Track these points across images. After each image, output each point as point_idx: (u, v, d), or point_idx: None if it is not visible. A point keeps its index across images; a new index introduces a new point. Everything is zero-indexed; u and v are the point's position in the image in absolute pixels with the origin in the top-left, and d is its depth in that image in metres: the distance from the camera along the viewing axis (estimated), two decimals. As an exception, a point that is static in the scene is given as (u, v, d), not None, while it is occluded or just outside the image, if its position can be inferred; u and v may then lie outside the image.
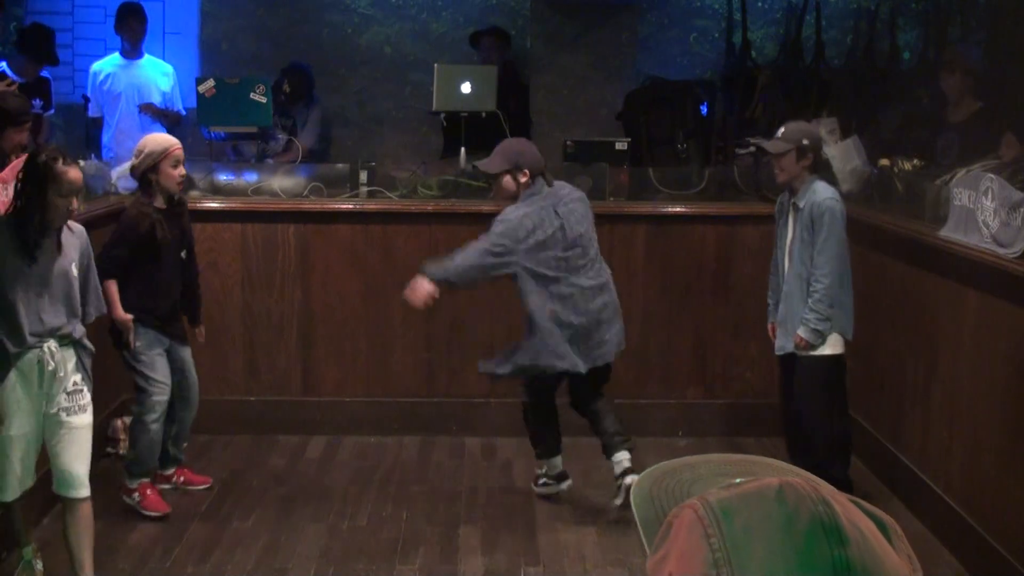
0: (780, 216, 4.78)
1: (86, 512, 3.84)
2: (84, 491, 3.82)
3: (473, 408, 5.78)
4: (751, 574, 0.83)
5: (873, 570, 0.83)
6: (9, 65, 6.26)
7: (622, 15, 7.10)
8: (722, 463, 1.00)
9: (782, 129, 4.67)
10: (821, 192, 4.54)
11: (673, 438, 5.77)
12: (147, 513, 4.67)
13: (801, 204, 4.54)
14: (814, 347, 4.55)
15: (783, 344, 4.67)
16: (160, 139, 4.74)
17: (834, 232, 4.49)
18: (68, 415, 3.77)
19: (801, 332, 4.54)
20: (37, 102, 5.95)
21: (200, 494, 4.96)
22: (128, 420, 5.48)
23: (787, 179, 4.59)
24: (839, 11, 7.35)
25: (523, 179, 4.53)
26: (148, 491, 4.72)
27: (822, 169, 4.81)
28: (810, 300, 4.51)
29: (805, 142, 4.53)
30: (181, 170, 4.67)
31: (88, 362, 3.87)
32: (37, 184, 3.60)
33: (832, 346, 4.60)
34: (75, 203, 3.68)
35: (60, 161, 3.63)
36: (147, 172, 4.59)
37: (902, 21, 7.08)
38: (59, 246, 3.76)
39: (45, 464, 4.53)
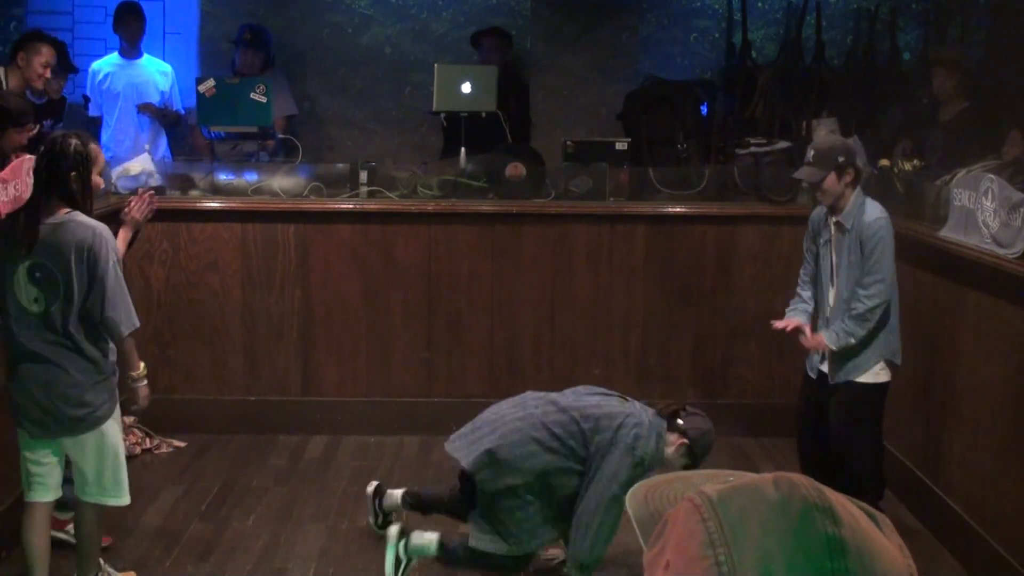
0: (819, 234, 4.45)
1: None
2: None
3: (473, 408, 5.73)
4: (747, 553, 0.84)
5: (866, 550, 0.84)
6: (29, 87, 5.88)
7: (622, 15, 7.09)
8: (714, 476, 1.01)
9: (811, 151, 4.32)
10: (871, 212, 4.23)
11: (673, 438, 5.76)
12: None
13: (848, 225, 4.24)
14: (824, 351, 4.34)
15: (835, 375, 4.37)
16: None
17: (886, 255, 4.22)
18: None
19: (826, 335, 4.29)
20: (47, 123, 5.75)
21: (199, 494, 4.96)
22: (128, 420, 5.50)
23: (832, 201, 4.26)
24: (839, 11, 7.35)
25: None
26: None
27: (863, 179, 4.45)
28: (849, 314, 4.23)
29: (840, 159, 4.19)
30: (100, 181, 4.12)
31: None
32: (85, 168, 3.60)
33: (878, 374, 4.34)
34: (102, 181, 3.80)
35: (92, 142, 3.70)
36: None
37: (902, 21, 7.08)
38: None
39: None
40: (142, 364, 3.78)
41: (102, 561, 4.00)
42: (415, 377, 5.81)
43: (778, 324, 4.55)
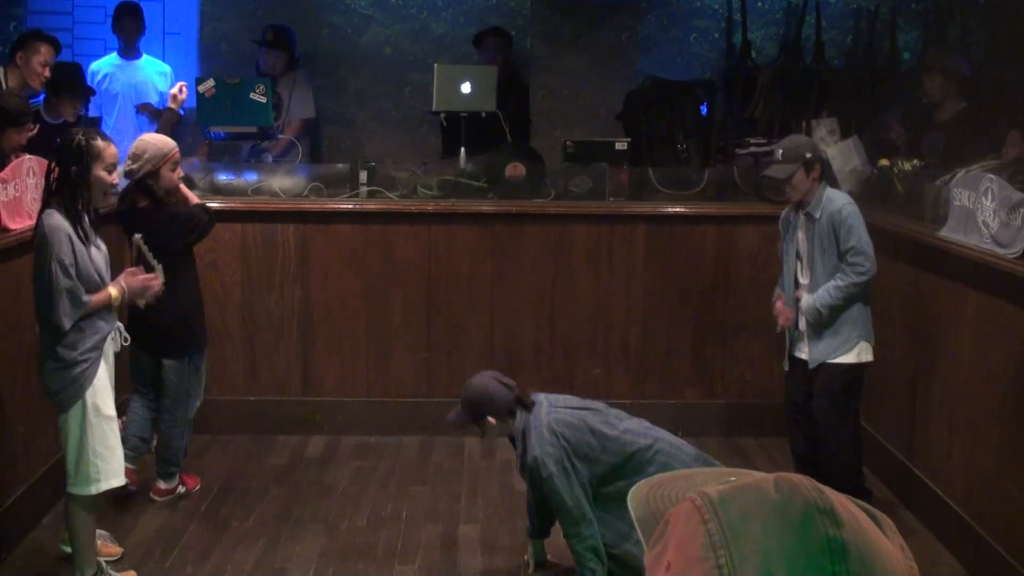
0: (787, 230, 4.63)
1: None
2: None
3: (473, 408, 5.77)
4: (748, 555, 0.84)
5: (867, 552, 0.84)
6: (44, 109, 5.82)
7: (622, 15, 7.09)
8: (716, 475, 1.01)
9: (779, 150, 4.52)
10: (837, 199, 4.41)
11: (673, 438, 5.76)
12: (194, 491, 4.99)
13: (816, 214, 4.41)
14: (804, 316, 4.45)
15: (814, 358, 4.50)
16: (157, 142, 4.63)
17: (863, 234, 4.37)
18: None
19: (805, 303, 4.41)
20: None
21: (199, 494, 4.96)
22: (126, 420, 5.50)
23: (801, 196, 4.44)
24: (839, 11, 7.35)
25: (492, 422, 3.96)
26: (184, 477, 5.01)
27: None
28: (836, 282, 4.36)
29: (808, 155, 4.40)
30: (180, 172, 4.68)
31: None
32: (85, 163, 3.77)
33: (860, 354, 4.47)
34: (116, 178, 3.94)
35: (99, 138, 3.86)
36: (147, 177, 4.56)
37: (902, 21, 7.08)
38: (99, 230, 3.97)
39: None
40: (111, 294, 3.85)
41: (103, 562, 4.00)
42: (415, 377, 5.81)
43: (781, 318, 4.67)
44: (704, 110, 6.78)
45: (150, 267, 4.58)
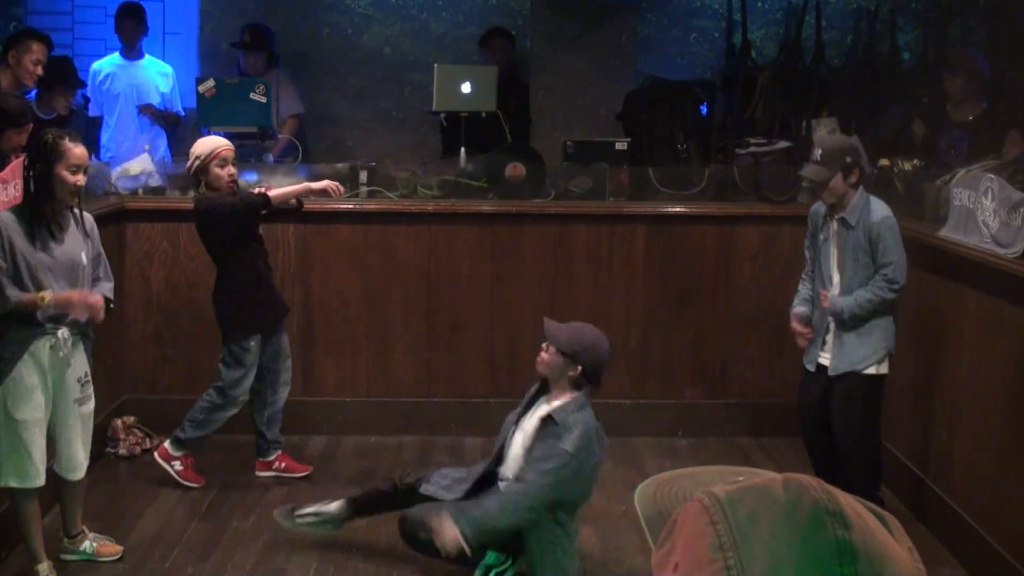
0: (820, 230, 4.46)
1: (81, 486, 4.20)
2: (82, 473, 4.11)
3: (473, 408, 5.78)
4: (756, 556, 0.84)
5: (876, 555, 0.84)
6: (36, 104, 5.77)
7: (622, 15, 7.09)
8: (723, 472, 1.00)
9: (818, 150, 4.34)
10: (878, 211, 4.27)
11: (673, 438, 5.77)
12: (185, 483, 4.98)
13: (853, 222, 4.28)
14: (831, 313, 4.34)
15: (837, 366, 4.39)
16: (207, 141, 4.91)
17: (901, 250, 4.27)
18: (81, 405, 4.01)
19: (836, 302, 4.28)
20: None
21: (199, 494, 4.96)
22: (129, 420, 5.49)
23: (836, 200, 4.30)
24: (839, 11, 7.35)
25: (575, 368, 3.99)
26: (189, 463, 5.03)
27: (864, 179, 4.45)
28: (869, 295, 4.25)
29: (848, 159, 4.25)
30: (230, 169, 4.84)
31: (91, 351, 4.08)
32: (47, 161, 3.83)
33: (881, 365, 4.39)
34: (82, 179, 3.92)
35: (67, 139, 3.91)
36: (197, 173, 4.85)
37: (902, 21, 7.08)
38: (69, 231, 3.95)
39: (48, 460, 4.53)
40: (43, 296, 3.78)
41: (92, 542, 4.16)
42: (415, 377, 5.80)
43: (800, 329, 4.56)
44: (704, 110, 6.78)
45: None
